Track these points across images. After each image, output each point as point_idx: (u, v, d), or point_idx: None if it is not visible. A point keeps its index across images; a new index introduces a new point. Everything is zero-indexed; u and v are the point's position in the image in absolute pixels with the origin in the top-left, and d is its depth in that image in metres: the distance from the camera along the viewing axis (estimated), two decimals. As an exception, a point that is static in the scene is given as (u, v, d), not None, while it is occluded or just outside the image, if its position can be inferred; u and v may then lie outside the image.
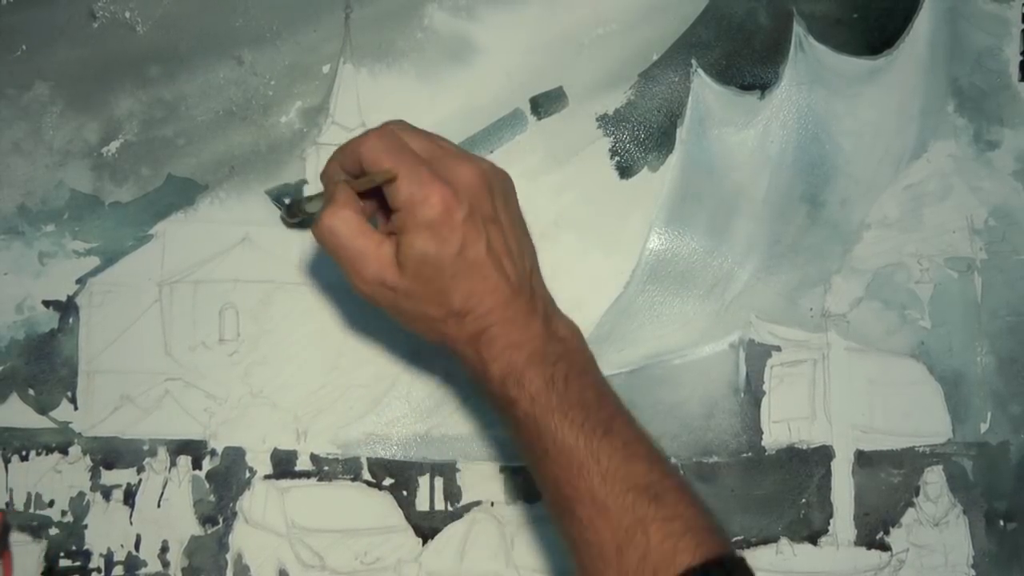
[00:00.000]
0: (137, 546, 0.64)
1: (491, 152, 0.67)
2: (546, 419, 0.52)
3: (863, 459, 0.67)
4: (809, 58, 0.69)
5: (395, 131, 0.55)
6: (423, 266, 0.53)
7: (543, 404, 0.52)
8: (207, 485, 0.64)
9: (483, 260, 0.54)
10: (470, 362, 0.55)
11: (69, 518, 0.63)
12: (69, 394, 0.64)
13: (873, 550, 0.67)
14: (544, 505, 0.55)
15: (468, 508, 0.65)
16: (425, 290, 0.54)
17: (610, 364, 0.66)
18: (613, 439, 0.52)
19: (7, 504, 0.63)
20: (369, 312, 0.65)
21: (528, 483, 0.65)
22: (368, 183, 0.54)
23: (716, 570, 0.49)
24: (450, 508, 0.65)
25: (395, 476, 0.65)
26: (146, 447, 0.64)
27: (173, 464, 0.64)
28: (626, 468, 0.51)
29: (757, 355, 0.68)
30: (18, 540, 0.63)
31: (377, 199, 0.56)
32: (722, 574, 0.49)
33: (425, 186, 0.53)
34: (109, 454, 0.64)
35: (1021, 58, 0.70)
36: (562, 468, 0.51)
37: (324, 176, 0.57)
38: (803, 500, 0.67)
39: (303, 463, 0.65)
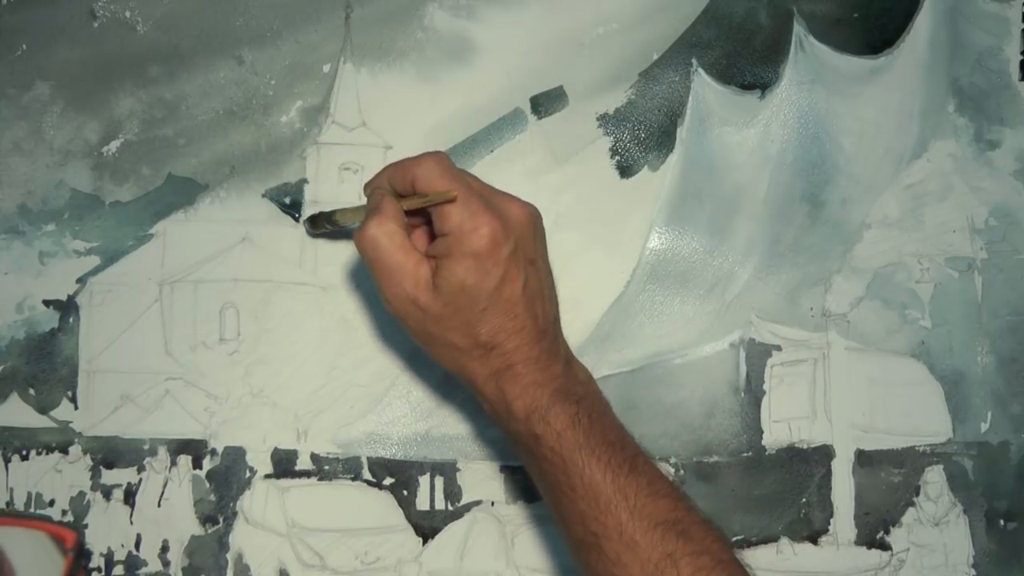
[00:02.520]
0: (137, 545, 0.64)
1: (491, 152, 0.67)
2: (573, 456, 0.53)
3: (863, 459, 0.67)
4: (809, 57, 0.69)
5: (449, 158, 0.56)
6: (459, 294, 0.53)
7: (570, 441, 0.53)
8: (207, 484, 0.64)
9: (517, 299, 0.54)
10: (491, 398, 0.55)
11: (69, 517, 0.63)
12: (69, 394, 0.64)
13: (873, 550, 0.67)
14: (567, 543, 0.55)
15: (468, 507, 0.65)
16: (455, 318, 0.54)
17: (610, 364, 0.66)
18: (638, 477, 0.53)
19: (8, 504, 0.63)
20: (369, 312, 0.66)
21: (528, 483, 0.65)
22: (424, 202, 0.54)
23: None
24: (450, 507, 0.65)
25: (395, 475, 0.65)
26: (146, 447, 0.64)
27: (173, 463, 0.64)
28: (653, 504, 0.52)
29: (757, 355, 0.68)
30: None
31: (417, 221, 0.56)
32: None
33: (477, 216, 0.53)
34: (109, 454, 0.64)
35: (1021, 58, 0.70)
36: (589, 505, 0.52)
37: (371, 186, 0.57)
38: (803, 500, 0.67)
39: (303, 462, 0.65)
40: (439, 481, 0.65)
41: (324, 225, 0.63)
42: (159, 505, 0.64)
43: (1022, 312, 0.69)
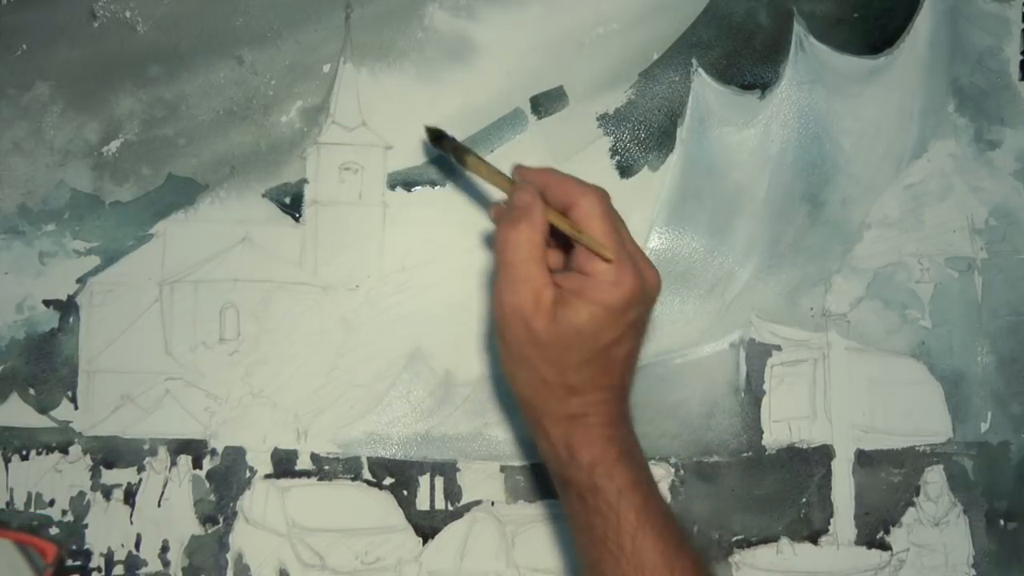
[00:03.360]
0: (137, 545, 0.64)
1: (491, 152, 0.67)
2: (629, 516, 0.53)
3: (863, 459, 0.67)
4: (809, 57, 0.69)
5: (610, 201, 0.56)
6: (572, 335, 0.53)
7: (629, 500, 0.53)
8: (207, 484, 0.64)
9: (620, 361, 0.55)
10: (556, 439, 0.55)
11: (69, 517, 0.63)
12: (69, 393, 0.64)
13: (873, 550, 0.67)
14: None
15: (468, 507, 0.65)
16: (556, 352, 0.54)
17: (610, 364, 0.66)
18: (683, 557, 0.53)
19: (7, 504, 0.63)
20: (369, 312, 0.65)
21: (528, 483, 0.65)
22: (576, 236, 0.54)
23: None
24: (450, 507, 0.65)
25: (395, 475, 0.65)
26: (146, 446, 0.64)
27: (173, 463, 0.64)
28: None
29: (757, 354, 0.68)
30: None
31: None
32: None
33: (623, 270, 0.53)
34: (109, 453, 0.64)
35: (1021, 57, 0.70)
36: (634, 568, 0.53)
37: (524, 177, 0.57)
38: (803, 500, 0.67)
39: (303, 462, 0.65)
40: (439, 481, 0.65)
41: (450, 152, 0.61)
42: (159, 505, 0.64)
43: (1022, 312, 0.69)
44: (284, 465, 0.65)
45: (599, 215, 0.54)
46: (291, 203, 0.66)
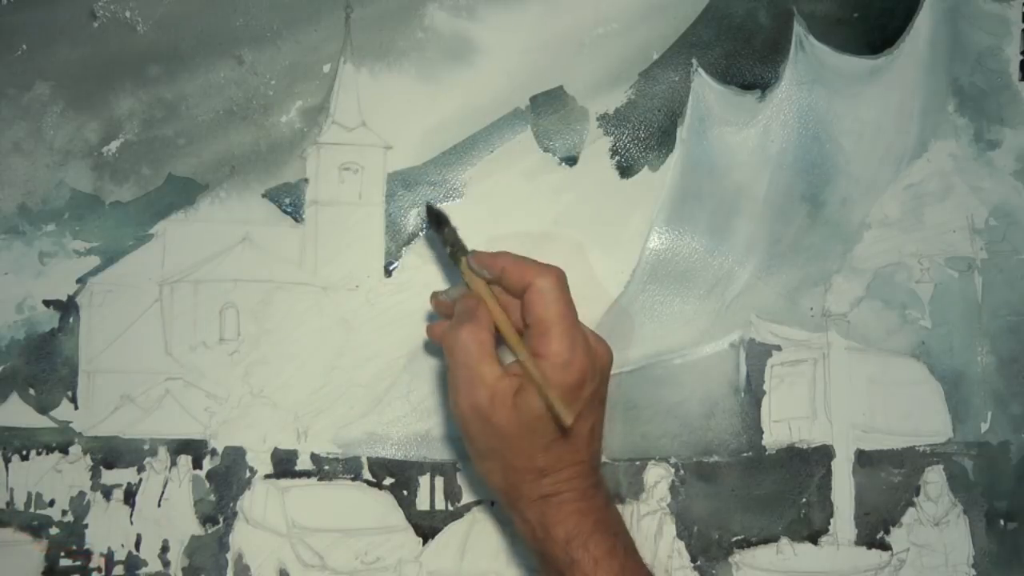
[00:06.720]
0: (137, 546, 0.64)
1: (491, 152, 0.67)
2: None
3: (863, 459, 0.67)
4: (809, 57, 0.69)
5: (566, 279, 0.57)
6: (535, 421, 0.55)
7: (605, 568, 0.55)
8: (207, 485, 0.64)
9: (584, 436, 0.57)
10: (531, 519, 0.56)
11: (69, 517, 0.63)
12: (69, 394, 0.64)
13: (873, 550, 0.67)
14: None
15: (468, 507, 0.65)
16: (522, 440, 0.55)
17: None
18: None
19: (8, 504, 0.63)
20: (369, 312, 0.65)
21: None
22: (531, 376, 0.55)
23: None
24: (450, 507, 0.65)
25: (395, 475, 0.65)
26: (146, 447, 0.64)
27: (173, 464, 0.64)
28: None
29: (757, 355, 0.67)
30: (18, 540, 0.63)
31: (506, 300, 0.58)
32: None
33: (575, 350, 0.55)
34: (109, 454, 0.64)
35: (1021, 58, 0.70)
36: None
37: (481, 261, 0.58)
38: (803, 500, 0.67)
39: (303, 463, 0.65)
40: (439, 481, 0.65)
41: (447, 240, 0.61)
42: (159, 505, 0.64)
43: (1022, 312, 0.69)
44: (284, 465, 0.65)
45: (554, 297, 0.56)
46: (291, 203, 0.66)
